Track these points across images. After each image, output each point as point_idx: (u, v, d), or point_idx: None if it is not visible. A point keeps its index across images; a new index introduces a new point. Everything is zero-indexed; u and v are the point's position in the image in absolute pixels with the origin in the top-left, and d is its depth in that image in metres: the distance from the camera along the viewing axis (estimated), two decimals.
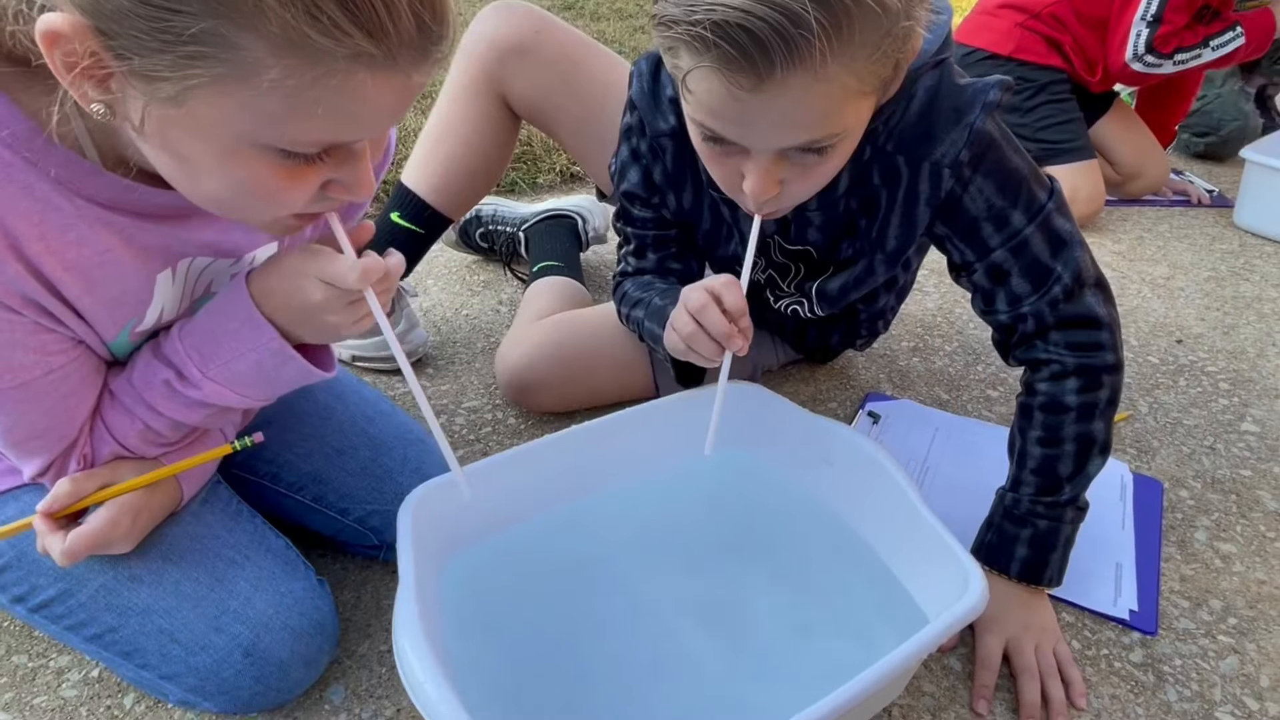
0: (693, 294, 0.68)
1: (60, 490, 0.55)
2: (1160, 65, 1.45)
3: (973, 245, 0.71)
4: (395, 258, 0.54)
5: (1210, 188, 1.72)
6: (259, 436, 0.58)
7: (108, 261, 0.51)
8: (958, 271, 0.74)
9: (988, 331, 1.21)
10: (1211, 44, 1.45)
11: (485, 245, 1.32)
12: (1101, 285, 0.70)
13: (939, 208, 0.70)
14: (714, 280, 0.68)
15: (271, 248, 0.63)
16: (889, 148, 0.69)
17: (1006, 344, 0.74)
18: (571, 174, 1.71)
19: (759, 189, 0.61)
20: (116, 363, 0.59)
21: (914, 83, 0.66)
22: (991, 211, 0.69)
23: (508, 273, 1.30)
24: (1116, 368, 0.69)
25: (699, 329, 0.68)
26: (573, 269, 1.18)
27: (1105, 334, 0.69)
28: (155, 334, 0.59)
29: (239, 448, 0.59)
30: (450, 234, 1.31)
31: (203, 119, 0.41)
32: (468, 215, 1.30)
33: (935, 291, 1.30)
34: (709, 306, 0.67)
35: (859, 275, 0.78)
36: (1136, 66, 1.45)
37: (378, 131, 0.46)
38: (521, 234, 1.27)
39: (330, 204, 0.50)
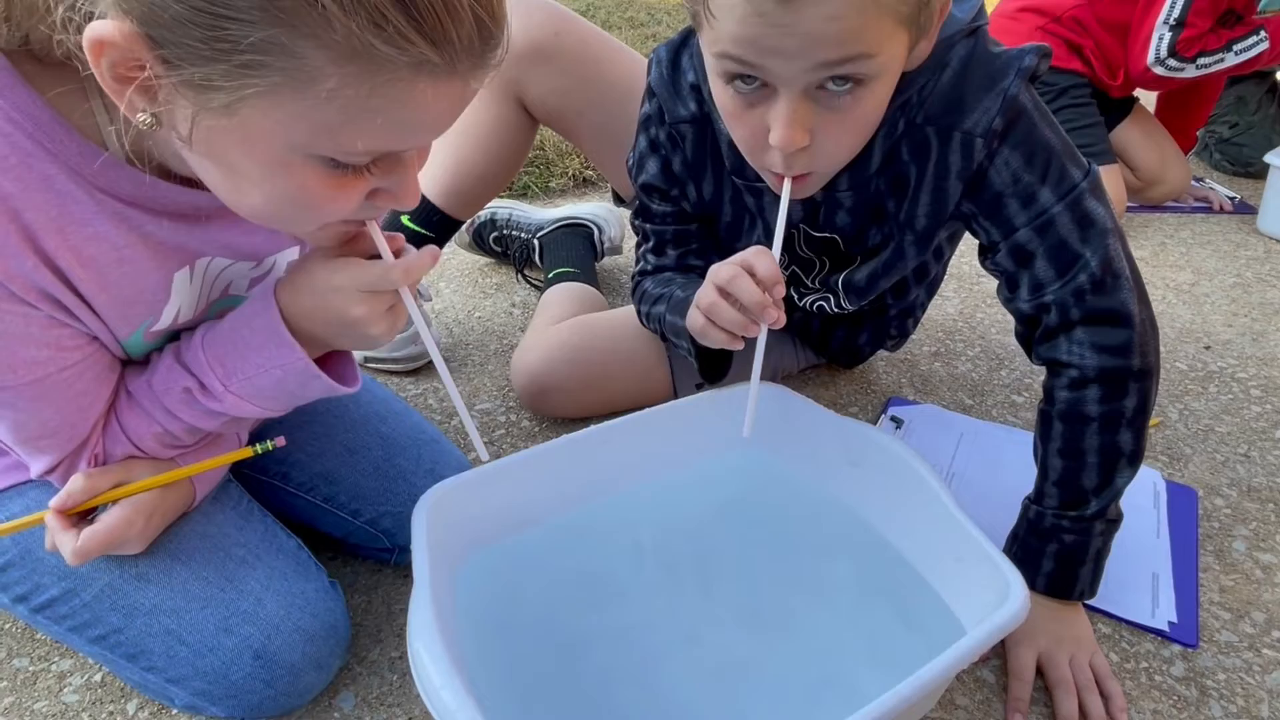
0: (721, 268, 0.65)
1: (74, 486, 0.53)
2: (1182, 69, 1.43)
3: (997, 223, 0.67)
4: (430, 251, 0.53)
5: (1231, 194, 1.69)
6: (281, 440, 0.57)
7: (125, 259, 0.50)
8: (984, 254, 0.71)
9: (1011, 336, 1.19)
10: (1235, 48, 1.43)
11: (499, 249, 1.30)
12: (1135, 282, 0.66)
13: (968, 181, 0.67)
14: (744, 252, 0.65)
15: (292, 252, 0.61)
16: (919, 119, 0.66)
17: (1030, 338, 0.70)
18: (584, 178, 1.70)
19: (786, 137, 0.57)
20: (131, 362, 0.58)
21: (948, 51, 0.64)
22: (1018, 186, 0.65)
23: (520, 278, 1.28)
24: (1145, 373, 0.64)
25: (721, 300, 0.65)
26: (588, 276, 1.17)
27: (1134, 334, 0.64)
28: (174, 335, 0.58)
29: (260, 451, 0.57)
30: (464, 236, 1.30)
31: (254, 129, 0.40)
32: (482, 219, 1.29)
33: (955, 296, 1.28)
34: (740, 277, 0.63)
35: (888, 260, 0.76)
36: (1158, 70, 1.44)
37: (430, 139, 0.45)
38: (536, 241, 1.26)
39: (374, 212, 0.49)
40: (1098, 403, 0.64)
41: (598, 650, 0.62)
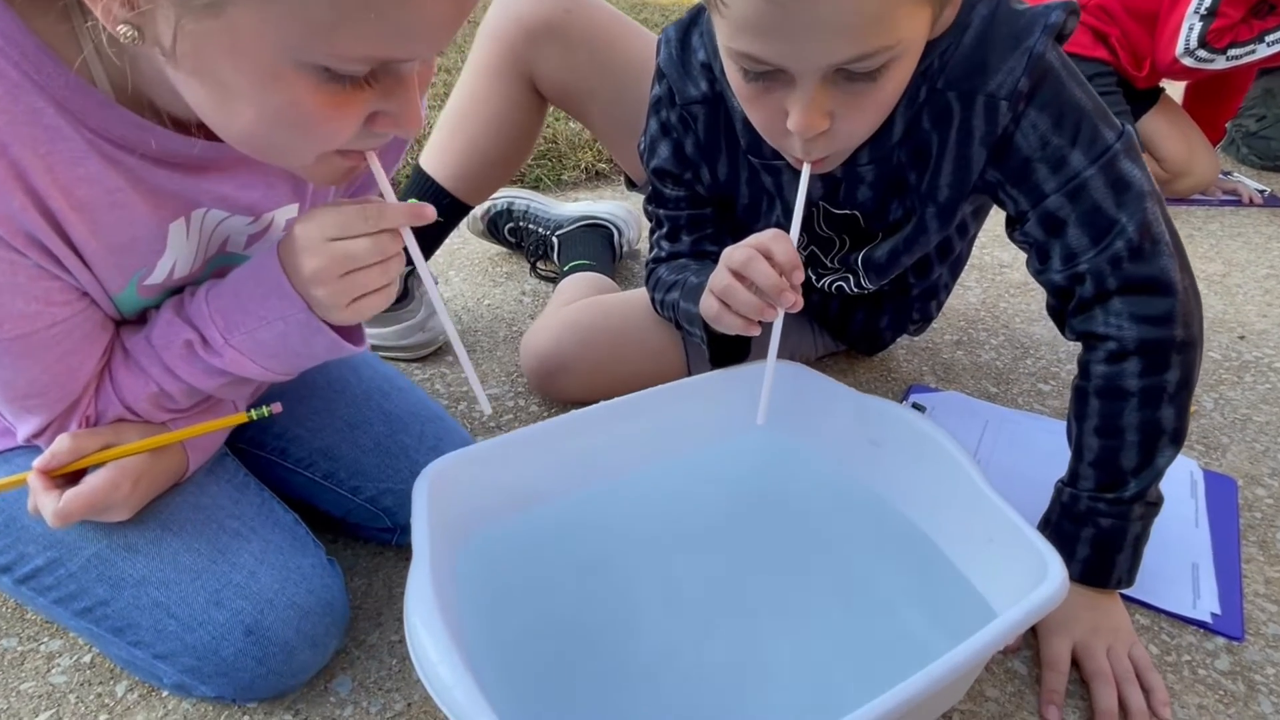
0: (736, 251, 0.63)
1: (59, 447, 0.51)
2: (1212, 60, 1.40)
3: (1025, 190, 0.64)
4: (413, 207, 0.50)
5: (1261, 188, 1.65)
6: (277, 407, 0.54)
7: (118, 203, 0.47)
8: (1012, 226, 0.68)
9: (1036, 325, 1.16)
10: (1267, 39, 1.39)
11: (512, 240, 1.28)
12: (1176, 248, 0.62)
13: (993, 147, 0.63)
14: (760, 235, 0.62)
15: (291, 210, 0.59)
16: (940, 85, 0.63)
17: (1063, 311, 0.66)
18: (597, 171, 1.68)
19: (804, 123, 0.55)
20: (125, 322, 0.56)
21: (969, 11, 0.61)
22: (1046, 150, 0.62)
23: (533, 273, 1.26)
24: (1188, 344, 0.60)
25: (736, 283, 0.62)
26: (605, 272, 1.14)
27: (1176, 303, 0.60)
28: (173, 292, 0.55)
29: (254, 417, 0.55)
30: (477, 224, 1.28)
31: (242, 32, 0.37)
32: (498, 207, 1.27)
33: (978, 286, 1.25)
34: (756, 259, 0.61)
35: (910, 235, 0.72)
36: (1187, 61, 1.40)
37: (432, 49, 0.42)
38: (555, 239, 1.23)
39: (375, 140, 0.45)
40: (1137, 376, 0.60)
41: (606, 636, 0.59)
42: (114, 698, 0.60)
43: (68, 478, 0.52)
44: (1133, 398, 0.61)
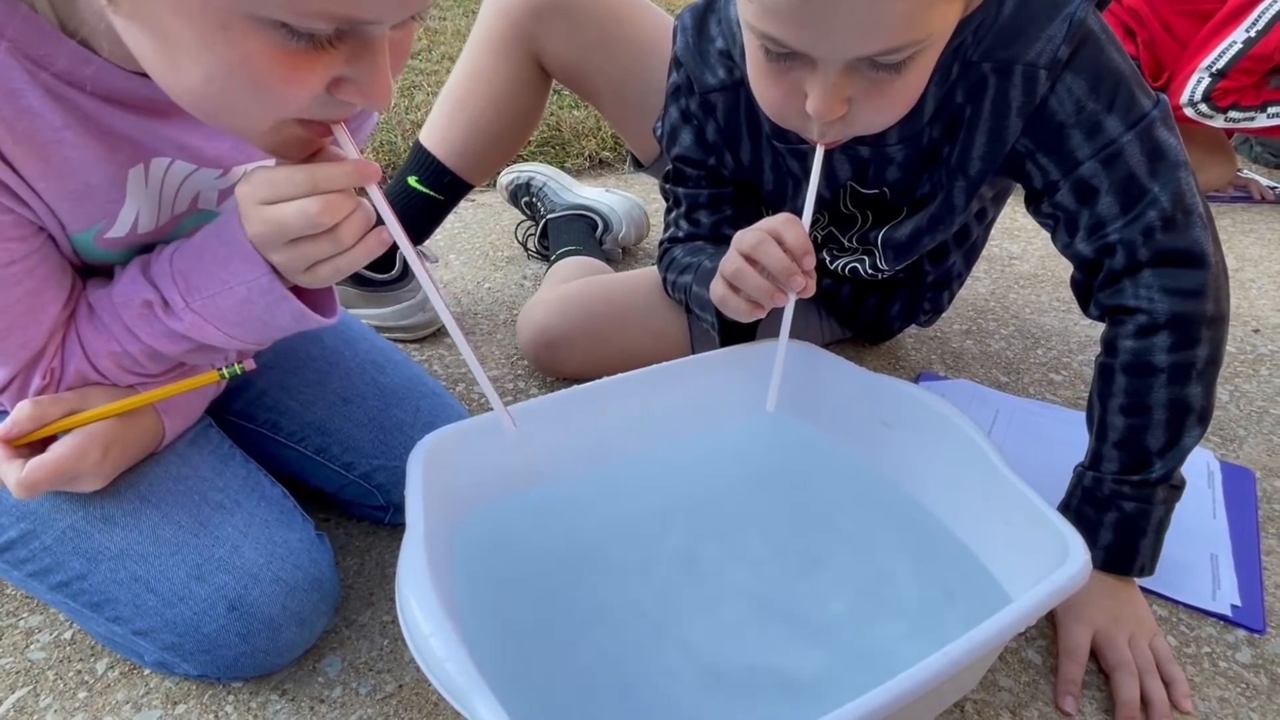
0: (746, 234, 0.61)
1: (21, 414, 0.48)
2: (1212, 117, 1.42)
3: (1057, 158, 0.61)
4: (357, 163, 0.44)
5: (1273, 184, 1.63)
6: (250, 364, 0.50)
7: (66, 141, 0.43)
8: (1037, 200, 0.65)
9: (1047, 316, 1.14)
10: (1269, 110, 1.41)
11: (528, 213, 1.29)
12: (1208, 220, 0.60)
13: (1030, 117, 0.61)
14: (771, 219, 0.60)
15: (268, 164, 0.56)
16: (974, 58, 0.61)
17: (1089, 286, 0.64)
18: (600, 159, 1.66)
19: (823, 108, 0.53)
20: (96, 274, 0.52)
21: None
22: (1082, 115, 0.60)
23: (525, 251, 1.25)
24: (1218, 320, 0.59)
25: (746, 266, 0.60)
26: (595, 256, 1.13)
27: (1208, 276, 0.58)
28: (143, 250, 0.52)
29: (226, 375, 0.50)
30: (504, 191, 1.30)
31: None
32: (521, 180, 1.27)
33: (986, 277, 1.22)
34: (766, 242, 0.59)
35: (935, 213, 0.70)
36: (1188, 111, 1.42)
37: (400, 11, 0.38)
38: (543, 222, 1.23)
39: (340, 110, 0.41)
40: (1167, 351, 0.58)
41: (603, 619, 0.56)
42: (94, 675, 0.58)
43: (34, 447, 0.49)
44: (1161, 374, 0.59)
